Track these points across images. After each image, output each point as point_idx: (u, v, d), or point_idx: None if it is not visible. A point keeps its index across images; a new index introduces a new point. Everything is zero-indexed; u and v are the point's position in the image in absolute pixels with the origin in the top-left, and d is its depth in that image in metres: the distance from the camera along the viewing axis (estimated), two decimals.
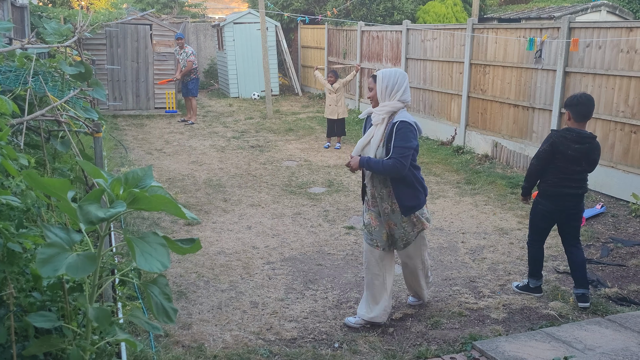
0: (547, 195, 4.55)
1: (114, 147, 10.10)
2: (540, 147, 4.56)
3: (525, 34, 8.63)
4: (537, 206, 4.66)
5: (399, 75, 4.01)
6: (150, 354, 3.68)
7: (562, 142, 4.39)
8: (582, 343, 3.87)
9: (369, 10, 15.08)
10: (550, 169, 4.48)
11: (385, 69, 4.07)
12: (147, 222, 6.33)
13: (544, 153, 4.48)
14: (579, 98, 4.44)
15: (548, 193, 4.54)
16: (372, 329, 4.26)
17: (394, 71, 4.03)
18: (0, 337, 2.03)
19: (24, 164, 2.43)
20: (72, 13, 13.41)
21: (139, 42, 13.27)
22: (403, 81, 4.00)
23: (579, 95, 4.48)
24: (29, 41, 3.63)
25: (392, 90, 3.99)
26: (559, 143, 4.40)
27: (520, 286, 4.89)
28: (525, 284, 4.88)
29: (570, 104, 4.45)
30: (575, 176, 4.46)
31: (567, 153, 4.38)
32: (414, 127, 3.97)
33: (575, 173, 4.45)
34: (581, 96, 4.46)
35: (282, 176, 8.48)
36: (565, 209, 4.55)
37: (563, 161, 4.42)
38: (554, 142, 4.42)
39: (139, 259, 1.82)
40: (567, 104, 4.49)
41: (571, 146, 4.37)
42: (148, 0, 21.80)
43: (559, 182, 4.47)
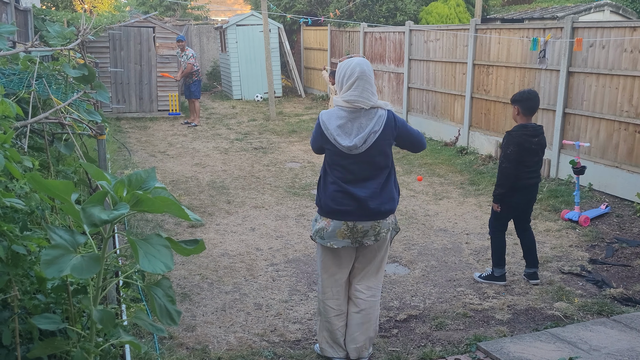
0: (515, 189, 4.81)
1: (118, 149, 10.12)
2: (505, 150, 4.78)
3: (528, 34, 8.61)
4: (504, 200, 4.89)
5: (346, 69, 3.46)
6: (154, 356, 3.68)
7: (525, 140, 4.71)
8: (587, 344, 3.85)
9: (372, 11, 15.09)
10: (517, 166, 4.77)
11: (347, 60, 3.55)
12: (151, 224, 6.34)
13: (514, 154, 4.72)
14: (529, 94, 4.81)
15: (515, 187, 4.80)
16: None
17: (344, 63, 3.51)
18: (5, 339, 2.04)
19: (28, 166, 2.44)
20: (75, 16, 13.46)
21: (142, 45, 13.30)
22: (351, 75, 3.41)
23: (527, 91, 4.85)
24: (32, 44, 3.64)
25: (340, 83, 3.50)
26: (523, 141, 4.70)
27: (484, 276, 5.07)
28: (489, 273, 5.05)
29: (521, 99, 4.77)
30: (535, 167, 4.82)
31: (530, 148, 4.72)
32: (320, 118, 3.48)
33: (534, 164, 4.80)
34: (530, 92, 4.83)
35: (286, 178, 8.48)
36: (530, 199, 4.93)
37: (526, 156, 4.73)
38: (519, 142, 4.70)
39: (142, 261, 1.82)
40: (517, 100, 4.80)
41: (532, 141, 4.73)
42: (151, 3, 21.86)
43: (525, 175, 4.77)
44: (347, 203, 3.46)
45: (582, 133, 7.77)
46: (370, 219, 3.49)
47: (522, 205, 4.94)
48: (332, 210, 3.50)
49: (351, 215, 3.47)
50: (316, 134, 3.54)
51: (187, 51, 12.63)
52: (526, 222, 5.05)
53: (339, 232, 3.51)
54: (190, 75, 12.61)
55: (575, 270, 5.28)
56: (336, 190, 3.49)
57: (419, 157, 9.69)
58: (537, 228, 6.38)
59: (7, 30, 3.42)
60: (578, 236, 6.15)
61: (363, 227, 3.50)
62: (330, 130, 3.42)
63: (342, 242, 3.52)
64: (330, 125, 3.43)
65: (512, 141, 4.73)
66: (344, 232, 3.50)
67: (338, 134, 3.40)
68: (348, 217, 3.47)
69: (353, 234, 3.51)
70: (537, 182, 4.89)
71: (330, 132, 3.42)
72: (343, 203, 3.46)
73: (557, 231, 6.29)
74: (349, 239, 3.52)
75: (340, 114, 3.43)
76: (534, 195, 4.95)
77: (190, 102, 12.92)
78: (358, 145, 3.36)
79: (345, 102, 3.42)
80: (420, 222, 6.60)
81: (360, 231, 3.50)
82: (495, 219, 5.02)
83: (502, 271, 5.01)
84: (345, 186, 3.46)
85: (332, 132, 3.41)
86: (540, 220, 6.64)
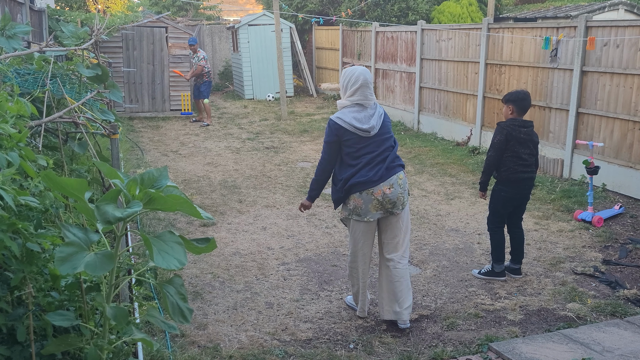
0: (509, 182, 4.95)
1: (130, 148, 10.18)
2: (493, 140, 4.97)
3: (541, 33, 8.56)
4: (499, 194, 5.02)
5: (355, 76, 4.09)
6: (166, 354, 3.70)
7: (513, 129, 4.89)
8: (600, 345, 3.82)
9: (384, 10, 15.06)
10: (506, 157, 4.91)
11: (350, 68, 4.20)
12: (163, 222, 6.37)
13: (499, 143, 4.91)
14: (523, 94, 4.99)
15: (510, 179, 4.94)
16: (387, 329, 4.25)
17: (349, 71, 4.14)
18: (20, 336, 2.06)
19: (42, 165, 2.47)
20: (89, 16, 13.57)
21: (154, 45, 13.38)
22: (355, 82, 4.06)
23: (521, 91, 5.03)
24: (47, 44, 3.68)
25: (344, 88, 4.15)
26: (511, 130, 4.88)
27: (483, 272, 5.14)
28: (489, 269, 5.12)
29: (516, 99, 4.95)
30: (528, 160, 4.94)
31: (519, 137, 4.88)
32: (331, 123, 4.07)
33: (527, 156, 4.93)
34: (524, 92, 5.02)
35: (297, 177, 8.50)
36: (525, 194, 5.05)
37: (516, 145, 4.88)
38: (508, 132, 4.89)
39: (157, 257, 1.84)
40: (512, 100, 4.96)
41: (521, 130, 4.90)
42: (164, 3, 21.97)
43: (517, 167, 4.91)
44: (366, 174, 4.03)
45: (596, 133, 7.71)
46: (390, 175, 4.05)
47: (517, 201, 5.03)
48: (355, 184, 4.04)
49: (375, 183, 4.02)
50: (331, 134, 4.08)
51: (198, 53, 12.75)
52: (519, 219, 5.15)
53: (371, 206, 4.06)
54: (200, 76, 12.70)
55: (589, 271, 5.24)
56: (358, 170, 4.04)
57: (430, 157, 9.67)
58: (550, 228, 6.35)
59: (22, 30, 3.45)
60: (591, 237, 6.10)
61: (390, 198, 4.05)
62: (347, 121, 4.02)
63: (376, 214, 4.10)
64: (346, 118, 4.04)
65: (501, 131, 4.93)
66: (375, 205, 4.06)
67: (355, 122, 4.02)
68: (372, 184, 4.02)
69: (383, 205, 4.06)
70: (532, 177, 5.01)
71: (348, 123, 4.02)
72: (363, 174, 4.03)
73: (570, 231, 6.25)
74: (381, 210, 4.08)
75: (351, 109, 4.10)
76: (528, 191, 5.06)
77: (197, 102, 13.03)
78: (375, 126, 4.04)
79: (351, 102, 4.10)
80: (432, 222, 6.58)
81: (389, 202, 4.05)
82: (493, 215, 5.10)
83: (501, 267, 5.07)
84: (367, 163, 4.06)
85: (349, 121, 4.02)
86: (553, 220, 6.59)
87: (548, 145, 8.50)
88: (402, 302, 4.20)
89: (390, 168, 4.08)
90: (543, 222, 6.56)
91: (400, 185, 4.10)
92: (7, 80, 3.32)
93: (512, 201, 5.01)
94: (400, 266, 4.21)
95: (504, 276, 5.08)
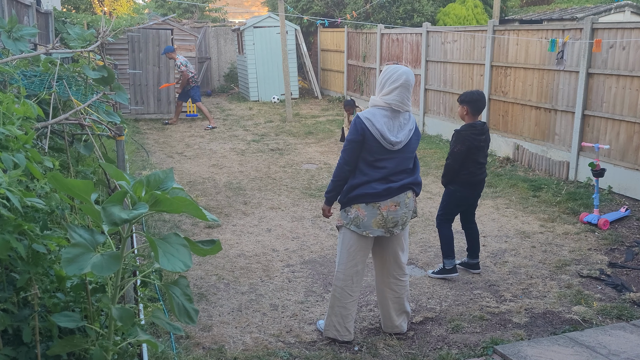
0: (469, 184, 5.09)
1: (136, 150, 10.21)
2: (453, 148, 5.04)
3: (547, 35, 8.54)
4: (455, 194, 5.13)
5: (396, 76, 3.78)
6: (171, 356, 3.71)
7: (473, 138, 4.99)
8: (606, 348, 3.80)
9: (389, 13, 15.05)
10: (467, 162, 5.02)
11: (395, 66, 3.87)
12: (168, 224, 6.39)
13: (459, 153, 4.99)
14: (478, 95, 5.05)
15: (470, 182, 5.08)
16: (392, 332, 4.24)
17: (392, 68, 3.83)
18: (25, 337, 2.07)
19: (48, 166, 2.48)
20: (95, 18, 13.62)
21: (160, 47, 13.41)
22: (396, 80, 3.74)
23: (476, 92, 5.09)
24: (53, 46, 3.70)
25: (379, 85, 3.84)
26: (472, 139, 4.98)
27: (437, 271, 5.21)
28: (441, 268, 5.18)
29: (470, 100, 5.01)
30: (484, 162, 5.14)
31: (479, 145, 5.02)
32: (359, 121, 3.76)
33: (483, 159, 5.12)
34: (479, 93, 5.08)
35: (302, 179, 8.50)
36: (479, 192, 5.22)
37: (475, 153, 5.01)
38: (469, 142, 4.97)
39: (162, 260, 1.84)
40: (467, 100, 5.02)
41: (480, 139, 5.03)
42: (169, 6, 22.04)
43: (476, 170, 5.06)
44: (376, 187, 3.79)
45: (602, 135, 7.68)
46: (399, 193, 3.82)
47: (471, 199, 5.21)
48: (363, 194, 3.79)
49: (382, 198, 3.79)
50: (357, 132, 3.76)
51: (176, 60, 12.45)
52: (472, 215, 5.31)
53: (374, 222, 3.83)
54: (187, 82, 12.55)
55: (594, 274, 5.21)
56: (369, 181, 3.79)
57: (436, 159, 9.65)
58: (556, 231, 6.32)
59: (28, 32, 3.47)
60: (597, 239, 6.08)
61: (394, 217, 3.84)
62: (376, 127, 3.71)
63: (377, 231, 3.85)
64: (377, 123, 3.72)
65: (460, 140, 5.00)
66: (379, 221, 3.82)
67: (384, 130, 3.71)
68: (379, 199, 3.79)
69: (386, 223, 3.83)
70: (485, 177, 5.21)
71: (376, 129, 3.70)
72: (372, 187, 3.79)
73: (575, 234, 6.22)
74: (382, 228, 3.85)
75: (384, 113, 3.76)
76: (481, 190, 5.24)
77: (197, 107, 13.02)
78: (402, 141, 3.76)
79: (385, 103, 3.76)
80: None
81: (391, 221, 3.84)
82: (444, 212, 5.19)
83: (453, 262, 5.14)
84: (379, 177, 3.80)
85: (378, 128, 3.70)
86: (559, 223, 6.57)
87: (554, 148, 8.48)
88: (401, 313, 4.19)
89: (402, 187, 3.83)
90: (548, 224, 6.53)
91: (407, 204, 3.88)
92: (14, 82, 3.34)
93: (467, 200, 5.17)
94: (404, 281, 4.13)
95: (456, 272, 5.17)
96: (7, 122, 2.36)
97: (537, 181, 8.05)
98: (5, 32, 3.36)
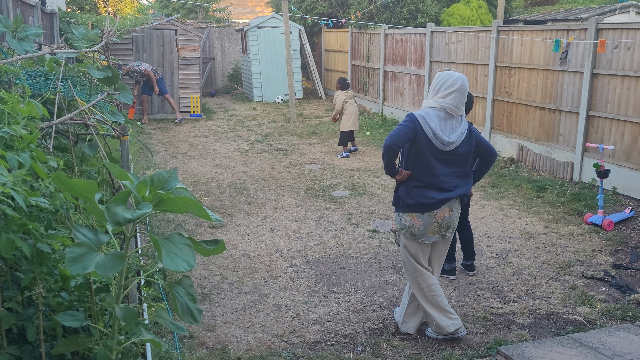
0: None
1: (140, 150, 10.23)
2: None
3: (551, 35, 8.52)
4: None
5: (451, 81, 3.85)
6: (174, 355, 3.71)
7: None
8: (610, 349, 3.79)
9: (393, 13, 15.05)
10: None
11: (450, 72, 3.92)
12: (172, 224, 6.40)
13: None
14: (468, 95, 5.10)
15: None
16: (396, 332, 4.24)
17: (446, 74, 3.90)
18: (30, 336, 2.08)
19: (53, 166, 2.48)
20: (99, 19, 13.65)
21: (164, 47, 13.44)
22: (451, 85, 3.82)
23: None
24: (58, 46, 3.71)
25: (435, 89, 3.90)
26: None
27: None
28: None
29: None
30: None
31: None
32: (413, 117, 3.82)
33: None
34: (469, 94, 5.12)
35: (306, 179, 8.50)
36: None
37: None
38: None
39: (165, 259, 1.84)
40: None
41: None
42: (173, 6, 22.07)
43: None
44: (433, 196, 3.87)
45: (606, 136, 7.66)
46: (452, 197, 3.91)
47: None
48: (419, 204, 3.89)
49: (438, 206, 3.89)
50: (407, 130, 3.80)
51: (135, 67, 12.36)
52: (465, 217, 5.26)
53: (430, 229, 3.96)
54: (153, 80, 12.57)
55: (599, 275, 5.20)
56: (423, 186, 3.88)
57: None
58: (560, 232, 6.31)
59: (33, 32, 3.48)
60: (601, 240, 6.06)
61: (447, 222, 3.97)
62: (430, 126, 3.78)
63: (432, 237, 4.00)
64: (431, 123, 3.79)
65: None
66: (434, 228, 3.96)
67: (437, 129, 3.79)
68: (434, 207, 3.89)
69: (440, 228, 3.98)
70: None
71: (430, 128, 3.78)
72: (429, 197, 3.87)
73: (580, 235, 6.21)
74: (437, 234, 3.99)
75: (437, 114, 3.84)
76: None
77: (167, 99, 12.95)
78: (454, 142, 3.83)
79: (439, 105, 3.83)
80: None
81: (445, 225, 3.98)
82: None
83: (452, 265, 5.16)
84: (432, 182, 3.87)
85: (432, 128, 3.78)
86: (563, 224, 6.56)
87: (558, 148, 8.45)
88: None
89: (454, 189, 3.91)
90: (553, 225, 6.52)
91: (457, 208, 4.02)
92: (19, 82, 3.35)
93: None
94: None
95: (454, 275, 5.19)
96: (12, 121, 2.37)
97: (541, 182, 8.03)
98: (11, 32, 3.37)
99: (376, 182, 8.37)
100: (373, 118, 13.72)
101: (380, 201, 7.42)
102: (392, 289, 4.96)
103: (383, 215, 6.87)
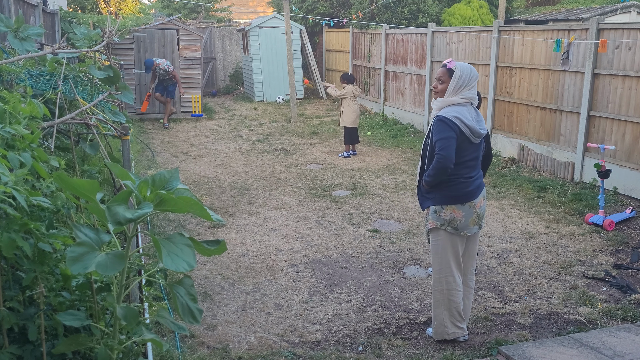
0: None
1: (141, 150, 10.24)
2: None
3: (552, 35, 8.52)
4: None
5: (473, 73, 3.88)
6: (175, 355, 3.72)
7: None
8: (611, 349, 3.79)
9: (394, 13, 15.04)
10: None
11: (461, 63, 3.90)
12: (173, 224, 6.40)
13: None
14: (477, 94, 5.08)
15: None
16: (397, 332, 4.24)
17: (464, 66, 3.87)
18: (31, 335, 2.08)
19: (54, 165, 2.49)
20: (101, 19, 13.66)
21: (165, 47, 13.45)
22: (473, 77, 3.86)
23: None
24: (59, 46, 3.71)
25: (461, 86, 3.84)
26: None
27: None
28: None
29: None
30: None
31: None
32: (448, 120, 3.76)
33: None
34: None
35: (307, 179, 8.50)
36: None
37: None
38: None
39: (166, 259, 1.85)
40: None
41: None
42: (175, 6, 22.08)
43: None
44: (470, 186, 3.91)
45: (607, 136, 7.66)
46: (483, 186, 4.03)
47: None
48: (460, 194, 3.87)
49: (476, 195, 3.93)
50: (454, 140, 3.78)
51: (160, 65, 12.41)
52: None
53: (471, 220, 3.94)
54: (173, 79, 12.64)
55: (600, 275, 5.20)
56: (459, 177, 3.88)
57: None
58: (561, 232, 6.31)
59: (35, 32, 3.48)
60: (602, 240, 6.06)
61: (482, 211, 4.00)
62: (467, 124, 3.79)
63: (473, 229, 3.99)
64: (466, 121, 3.80)
65: None
66: (474, 219, 3.95)
67: (474, 125, 3.82)
68: (473, 197, 3.91)
69: (479, 219, 3.99)
70: None
71: (466, 126, 3.79)
72: (467, 185, 3.90)
73: (580, 235, 6.21)
74: (476, 224, 4.00)
75: (466, 109, 3.86)
76: None
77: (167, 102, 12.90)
78: (484, 131, 3.92)
79: (464, 99, 3.85)
80: None
81: (481, 214, 4.00)
82: None
83: None
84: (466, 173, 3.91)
85: (469, 125, 3.79)
86: (564, 224, 6.56)
87: (559, 148, 8.45)
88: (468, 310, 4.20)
89: (481, 177, 4.02)
90: (553, 225, 6.52)
91: (485, 197, 4.07)
92: (21, 82, 3.35)
93: None
94: (474, 278, 4.21)
95: None
96: (13, 121, 2.37)
97: (542, 182, 8.03)
98: (12, 32, 3.37)
99: (377, 182, 8.37)
100: (374, 118, 13.72)
101: (381, 201, 7.42)
102: (393, 289, 4.96)
103: (384, 215, 6.87)
